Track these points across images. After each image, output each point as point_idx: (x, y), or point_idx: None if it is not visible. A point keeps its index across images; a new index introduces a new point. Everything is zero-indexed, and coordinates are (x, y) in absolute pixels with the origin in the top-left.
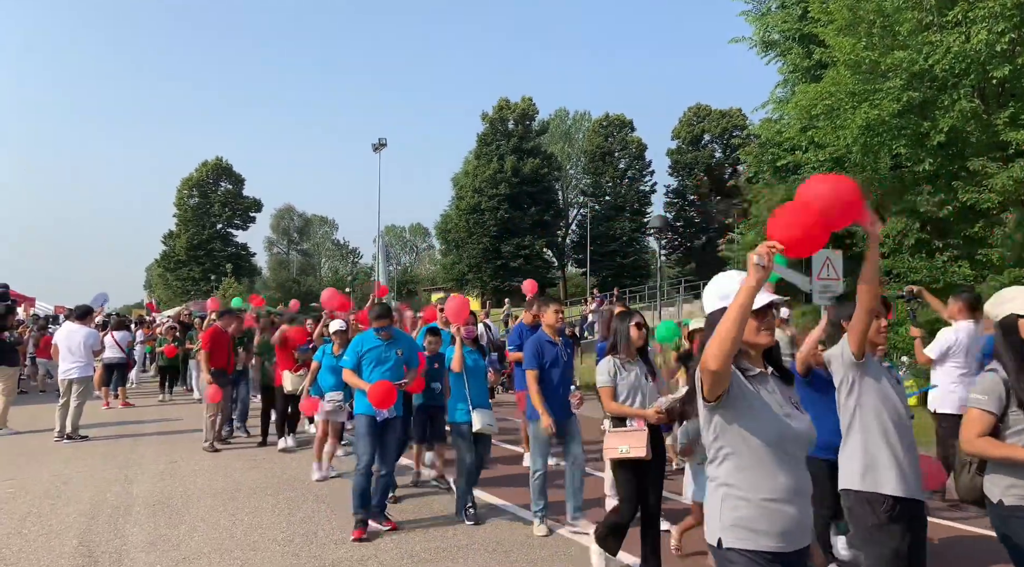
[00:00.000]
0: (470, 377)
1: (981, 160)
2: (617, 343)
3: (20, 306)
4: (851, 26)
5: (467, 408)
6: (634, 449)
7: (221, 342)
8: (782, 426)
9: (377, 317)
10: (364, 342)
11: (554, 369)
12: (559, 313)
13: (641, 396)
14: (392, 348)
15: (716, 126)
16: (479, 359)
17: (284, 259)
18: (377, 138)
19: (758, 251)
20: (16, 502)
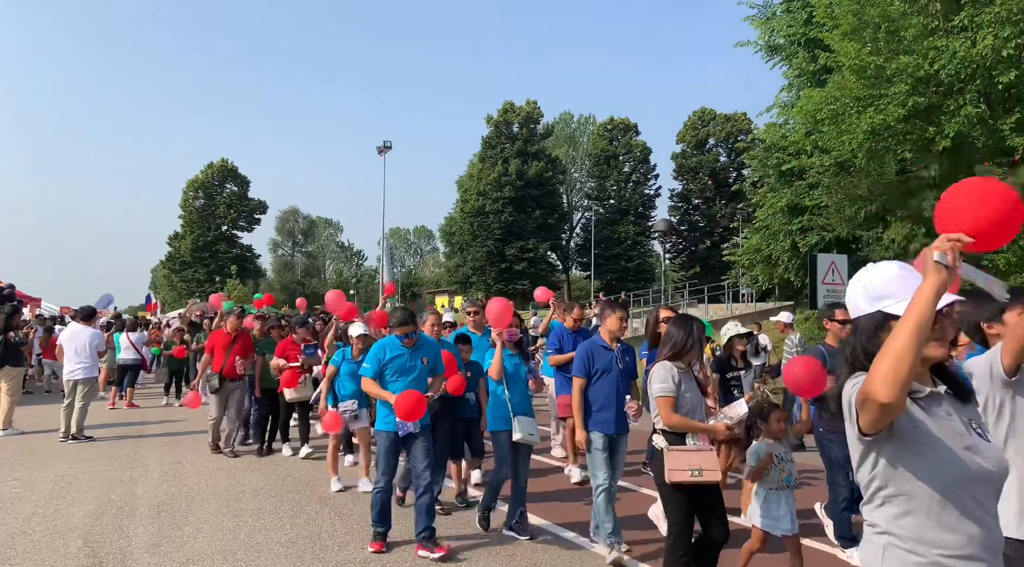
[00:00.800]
0: (510, 383)
1: (987, 165)
2: (681, 350)
3: (26, 306)
4: (856, 31)
5: (507, 416)
6: (707, 472)
7: (221, 345)
8: (963, 464)
9: (400, 323)
10: (387, 349)
11: (607, 377)
12: (623, 321)
13: (700, 411)
14: (417, 356)
15: (721, 130)
16: (520, 364)
17: (289, 261)
18: (382, 141)
19: (937, 246)
20: (21, 502)
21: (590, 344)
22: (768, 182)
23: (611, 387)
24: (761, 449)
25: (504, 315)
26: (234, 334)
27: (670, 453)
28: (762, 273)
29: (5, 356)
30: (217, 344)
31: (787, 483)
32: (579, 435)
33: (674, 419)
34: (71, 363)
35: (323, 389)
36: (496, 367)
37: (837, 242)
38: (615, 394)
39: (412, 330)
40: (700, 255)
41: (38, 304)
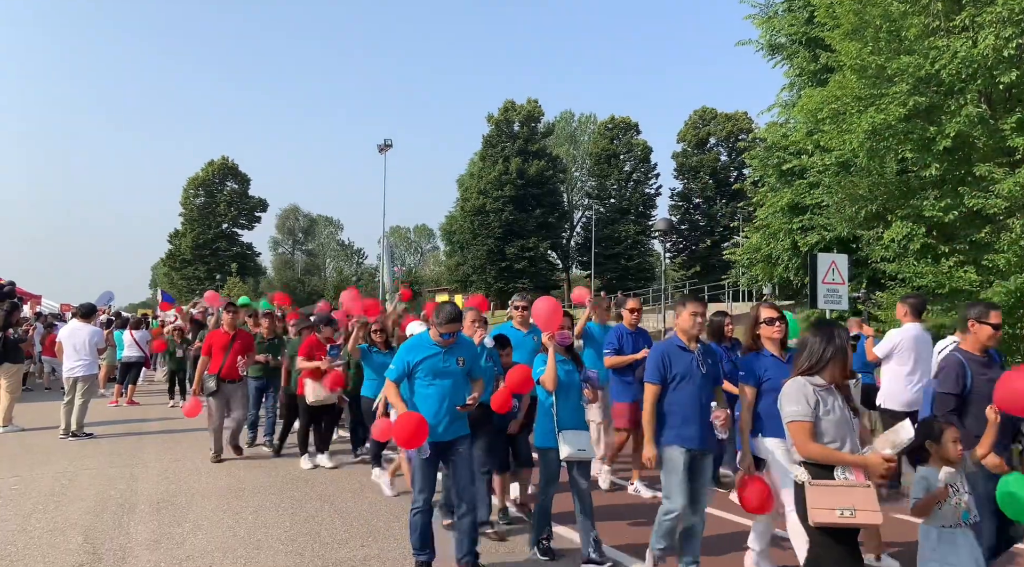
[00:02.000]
0: (562, 393)
1: (988, 165)
2: (819, 363)
3: (26, 304)
4: (857, 30)
5: (553, 429)
6: (863, 513)
7: (219, 345)
8: None
9: (449, 320)
10: (417, 348)
11: (687, 384)
12: (696, 316)
13: (851, 437)
14: (452, 356)
15: (722, 129)
16: (573, 371)
17: (289, 259)
18: (383, 139)
19: None
20: (21, 499)
21: (666, 346)
22: (769, 181)
23: (693, 395)
24: (931, 476)
25: (554, 317)
26: (232, 333)
27: (813, 489)
28: (762, 272)
29: (4, 353)
30: (215, 344)
31: (964, 520)
32: (647, 451)
33: (812, 449)
34: (71, 360)
35: (381, 399)
36: (550, 376)
37: (837, 241)
38: (697, 403)
39: (458, 329)
40: (700, 254)
41: (38, 301)
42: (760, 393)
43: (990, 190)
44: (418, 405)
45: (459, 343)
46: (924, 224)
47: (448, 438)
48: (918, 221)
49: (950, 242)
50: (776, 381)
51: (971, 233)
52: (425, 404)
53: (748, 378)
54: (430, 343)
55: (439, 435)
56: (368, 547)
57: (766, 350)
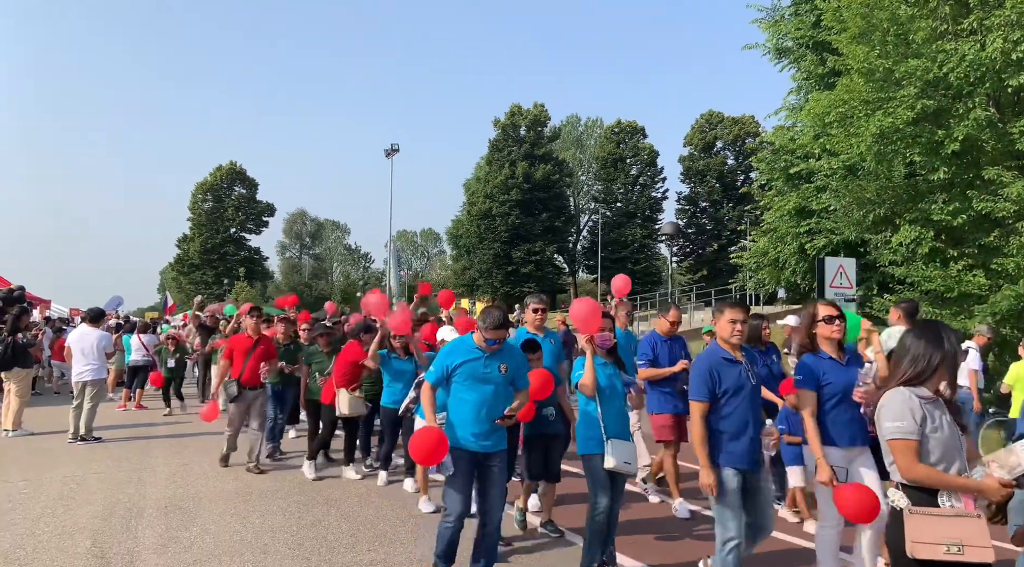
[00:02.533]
0: (605, 399)
1: (996, 169)
2: (925, 371)
3: (35, 308)
4: (865, 34)
5: (600, 437)
6: (973, 549)
7: (240, 349)
8: None
9: (496, 326)
10: (457, 351)
11: (739, 398)
12: (735, 323)
13: (960, 458)
14: (494, 362)
15: (728, 133)
16: (615, 375)
17: (296, 263)
18: (390, 144)
19: None
20: (30, 503)
21: (710, 357)
22: (776, 185)
23: (744, 410)
24: None
25: (593, 318)
26: (255, 338)
27: (914, 517)
28: (769, 276)
29: (14, 357)
30: (236, 348)
31: None
32: (705, 477)
33: (919, 471)
34: (79, 365)
35: (412, 395)
36: (589, 381)
37: (845, 245)
38: (749, 418)
39: (504, 336)
40: (707, 258)
41: (48, 306)
42: (818, 398)
43: (999, 194)
44: (453, 411)
45: (503, 350)
46: (932, 228)
47: (483, 450)
48: (926, 225)
49: (959, 246)
50: (836, 385)
51: (980, 237)
52: (461, 410)
53: (807, 382)
54: (471, 347)
55: (473, 445)
56: (375, 551)
57: (823, 351)
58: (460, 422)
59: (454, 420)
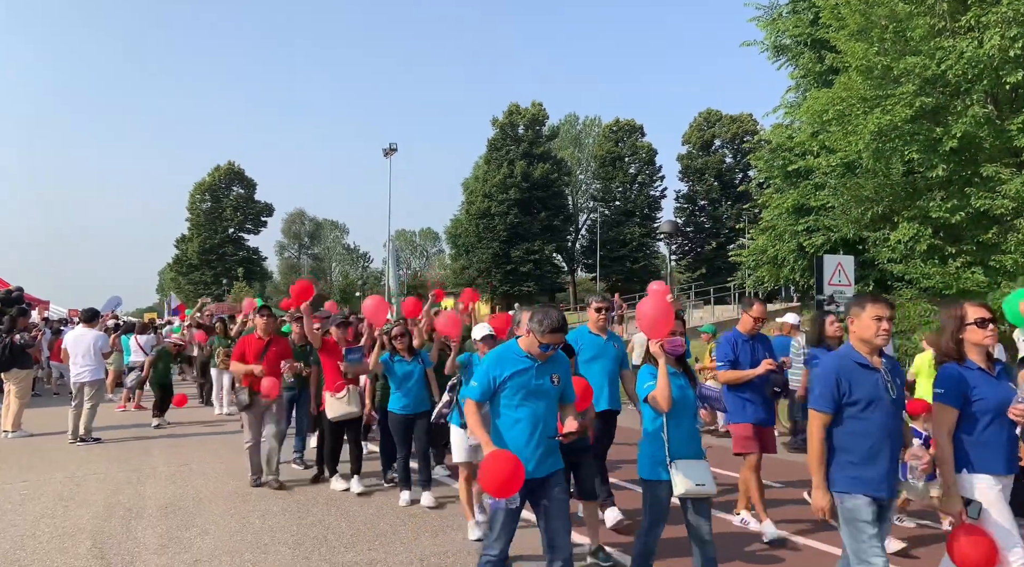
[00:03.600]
0: (673, 414)
1: (994, 166)
2: None
3: (34, 309)
4: (863, 31)
5: (664, 460)
6: None
7: (252, 352)
8: None
9: (554, 329)
10: (505, 360)
11: (873, 411)
12: (881, 321)
13: None
14: (546, 372)
15: (727, 131)
16: (686, 387)
17: (295, 263)
18: (388, 143)
19: None
20: (30, 504)
21: (840, 362)
22: (774, 183)
23: (882, 427)
24: None
25: (663, 320)
26: (267, 339)
27: None
28: (768, 274)
29: (12, 358)
30: (247, 351)
31: None
32: (820, 499)
33: None
34: (77, 366)
35: (450, 402)
36: (663, 393)
37: (843, 243)
38: (887, 437)
39: (562, 341)
40: (706, 256)
41: (46, 307)
42: (965, 416)
43: (997, 191)
44: (502, 432)
45: (554, 357)
46: (931, 225)
47: (540, 474)
48: (925, 222)
49: (957, 243)
50: (990, 401)
51: (978, 234)
52: (512, 432)
53: (949, 397)
54: (520, 355)
55: (530, 471)
56: (375, 551)
57: (971, 361)
58: (512, 445)
59: (504, 441)
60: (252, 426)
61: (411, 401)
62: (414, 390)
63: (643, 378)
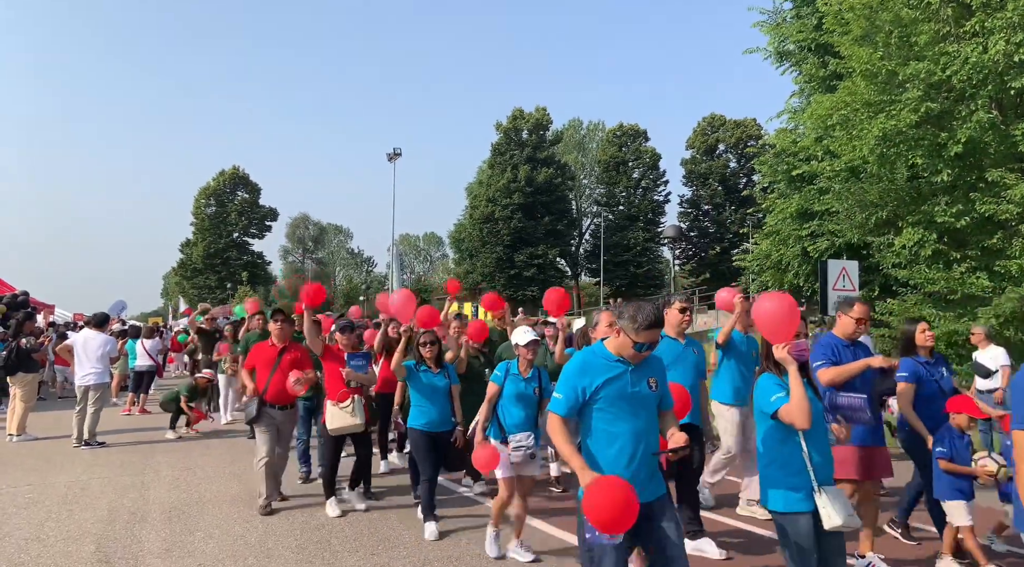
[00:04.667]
0: (808, 431)
1: (999, 171)
2: None
3: (40, 313)
4: (867, 36)
5: (808, 487)
6: None
7: (264, 360)
8: None
9: (651, 325)
10: (593, 367)
11: None
12: None
13: None
14: (643, 376)
15: (731, 136)
16: (813, 399)
17: (299, 267)
18: (392, 148)
19: None
20: (35, 507)
21: None
22: (778, 188)
23: None
24: None
25: (788, 322)
26: (281, 346)
27: None
28: (772, 279)
29: (18, 362)
30: (259, 359)
31: None
32: None
33: None
34: (83, 369)
35: (482, 414)
36: (802, 408)
37: (848, 248)
38: None
39: (659, 339)
40: (710, 261)
41: (52, 311)
42: None
43: (1002, 196)
44: (596, 453)
45: (647, 359)
46: (935, 230)
47: (645, 500)
48: (929, 227)
49: (962, 248)
50: None
51: (983, 239)
52: (609, 452)
53: None
54: (611, 358)
55: None
56: (378, 555)
57: None
58: (609, 467)
59: (600, 465)
60: (265, 442)
61: (436, 417)
62: (439, 405)
63: (768, 389)
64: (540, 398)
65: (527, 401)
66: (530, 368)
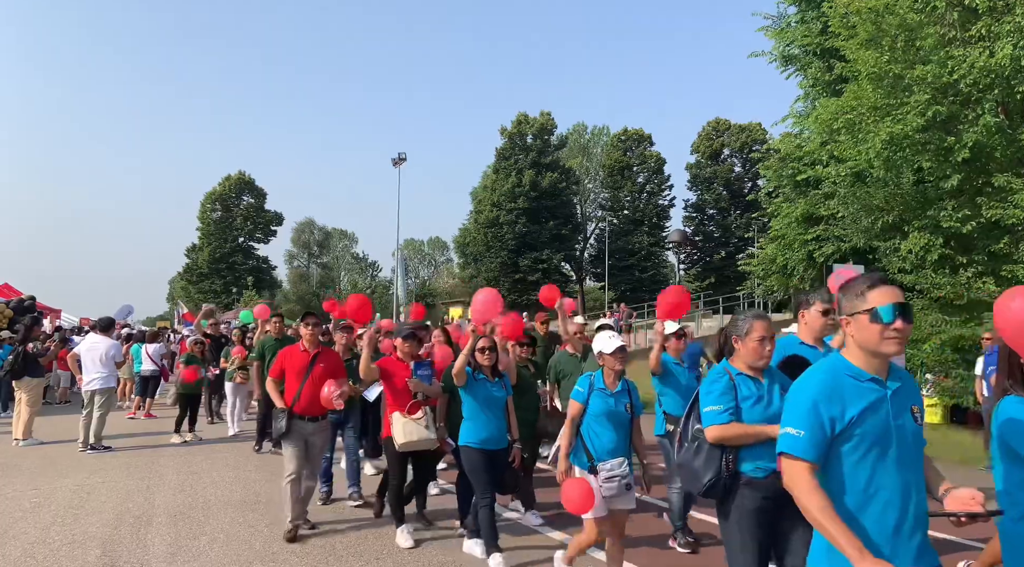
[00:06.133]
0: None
1: (1006, 176)
2: None
3: (46, 318)
4: (873, 39)
5: None
6: None
7: (295, 367)
8: None
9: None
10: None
11: None
12: None
13: None
14: (904, 403)
15: (736, 140)
16: None
17: (304, 272)
18: (397, 153)
19: None
20: (41, 511)
21: None
22: (783, 192)
23: None
24: None
25: None
26: (313, 352)
27: None
28: (777, 283)
29: (24, 367)
30: (289, 367)
31: None
32: None
33: None
34: (89, 374)
35: (564, 439)
36: None
37: (854, 252)
38: None
39: None
40: (715, 265)
41: (58, 315)
42: None
43: (1008, 201)
44: (854, 516)
45: (899, 372)
46: (942, 235)
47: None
48: (935, 232)
49: (968, 253)
50: None
51: (990, 244)
52: (869, 513)
53: None
54: (862, 377)
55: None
56: (382, 560)
57: None
58: (876, 535)
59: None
60: (294, 459)
61: (496, 432)
62: (497, 419)
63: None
64: (632, 416)
65: (618, 420)
66: (618, 380)
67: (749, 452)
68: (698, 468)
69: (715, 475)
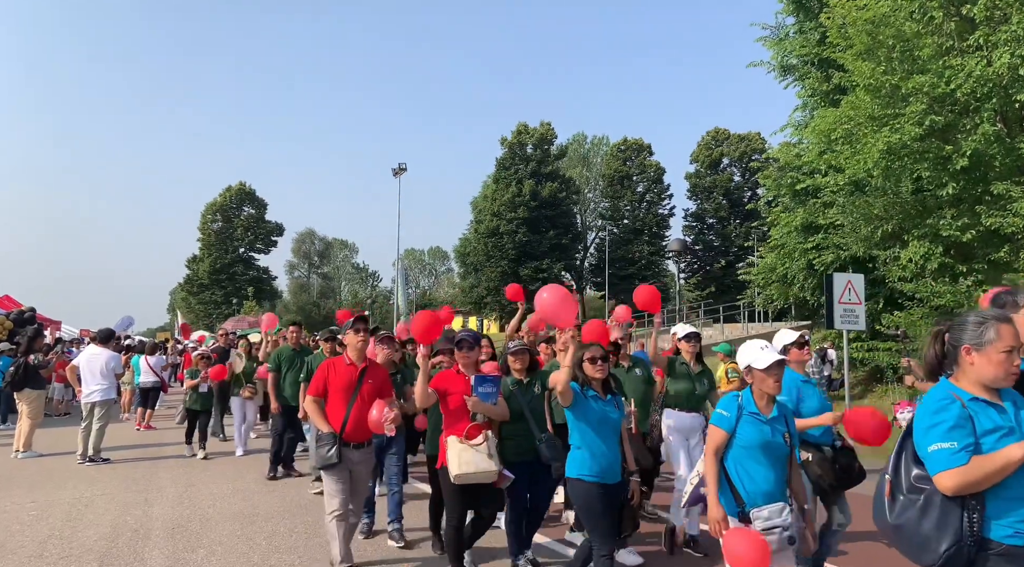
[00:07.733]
0: None
1: (1005, 184)
2: None
3: (46, 329)
4: (870, 50)
5: None
6: None
7: (339, 384)
8: None
9: None
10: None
11: None
12: None
13: None
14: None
15: (735, 150)
16: None
17: (305, 282)
18: (397, 163)
19: None
20: (38, 524)
21: None
22: (782, 201)
23: None
24: None
25: None
26: (361, 366)
27: None
28: (777, 292)
29: (25, 379)
30: (333, 382)
31: None
32: None
33: None
34: (88, 385)
35: (710, 475)
36: None
37: (853, 261)
38: None
39: None
40: (715, 275)
41: (58, 327)
42: None
43: (1008, 209)
44: None
45: None
46: (941, 243)
47: None
48: (935, 240)
49: (968, 261)
50: None
51: (989, 252)
52: None
53: None
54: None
55: None
56: None
57: None
58: None
59: None
60: (339, 493)
61: (613, 461)
62: (612, 445)
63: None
64: (791, 449)
65: (775, 454)
66: (772, 404)
67: (1004, 507)
68: (928, 533)
69: (955, 541)
